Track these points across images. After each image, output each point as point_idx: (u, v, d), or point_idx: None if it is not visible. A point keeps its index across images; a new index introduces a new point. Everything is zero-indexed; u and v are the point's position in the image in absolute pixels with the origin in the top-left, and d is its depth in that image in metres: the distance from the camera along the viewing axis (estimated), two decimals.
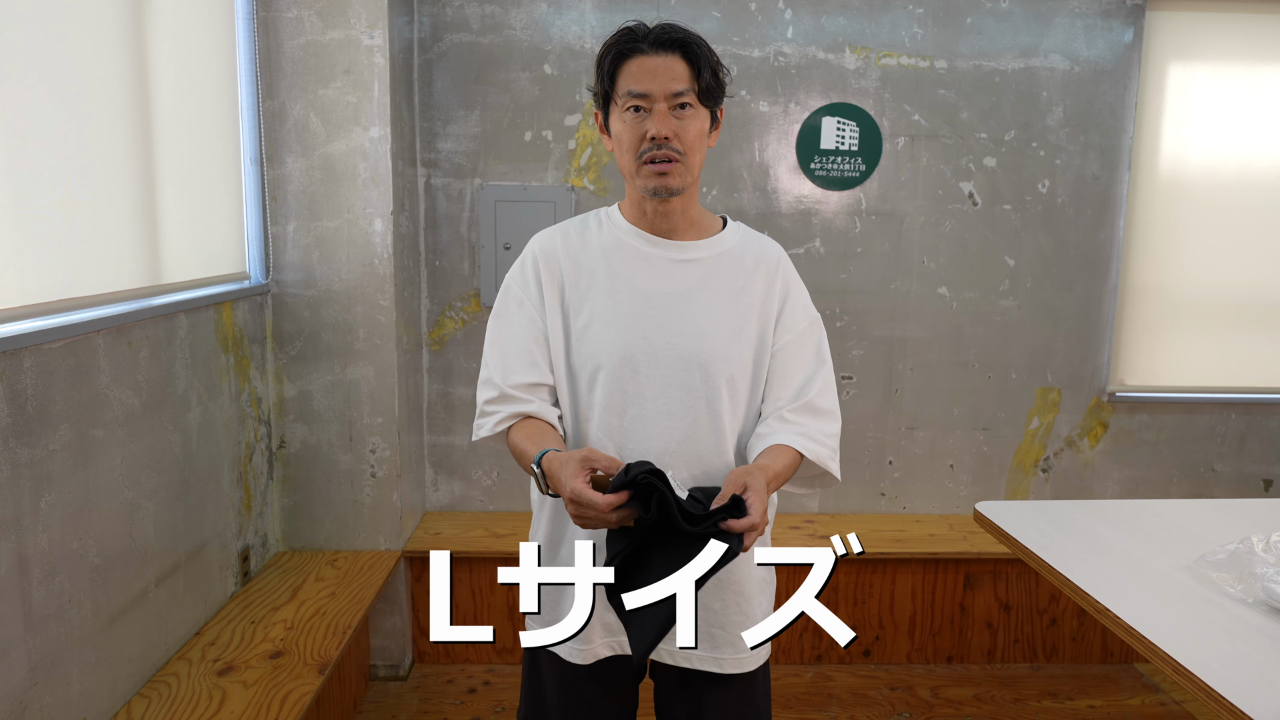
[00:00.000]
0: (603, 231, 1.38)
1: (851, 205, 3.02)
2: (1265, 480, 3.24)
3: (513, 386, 1.33)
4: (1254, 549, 1.52)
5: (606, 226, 1.38)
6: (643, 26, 1.28)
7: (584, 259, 1.35)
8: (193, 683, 1.99)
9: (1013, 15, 2.95)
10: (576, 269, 1.35)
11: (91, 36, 1.80)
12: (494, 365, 1.35)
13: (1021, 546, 1.72)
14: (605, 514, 1.13)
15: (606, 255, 1.35)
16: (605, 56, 1.28)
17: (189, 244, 2.23)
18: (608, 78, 1.28)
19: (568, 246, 1.37)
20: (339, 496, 2.72)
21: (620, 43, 1.27)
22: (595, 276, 1.34)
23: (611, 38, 1.28)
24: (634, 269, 1.34)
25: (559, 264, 1.36)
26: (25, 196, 1.60)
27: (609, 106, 1.30)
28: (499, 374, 1.34)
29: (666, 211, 1.33)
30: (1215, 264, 3.11)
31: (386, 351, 2.65)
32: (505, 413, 1.33)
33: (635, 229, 1.36)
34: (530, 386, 1.34)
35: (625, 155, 1.29)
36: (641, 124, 1.26)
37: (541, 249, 1.38)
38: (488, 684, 2.80)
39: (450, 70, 2.89)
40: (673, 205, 1.33)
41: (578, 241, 1.37)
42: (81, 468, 1.72)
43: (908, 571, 2.93)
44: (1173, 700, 2.79)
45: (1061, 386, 3.14)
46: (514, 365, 1.34)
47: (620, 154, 1.31)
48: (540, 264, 1.36)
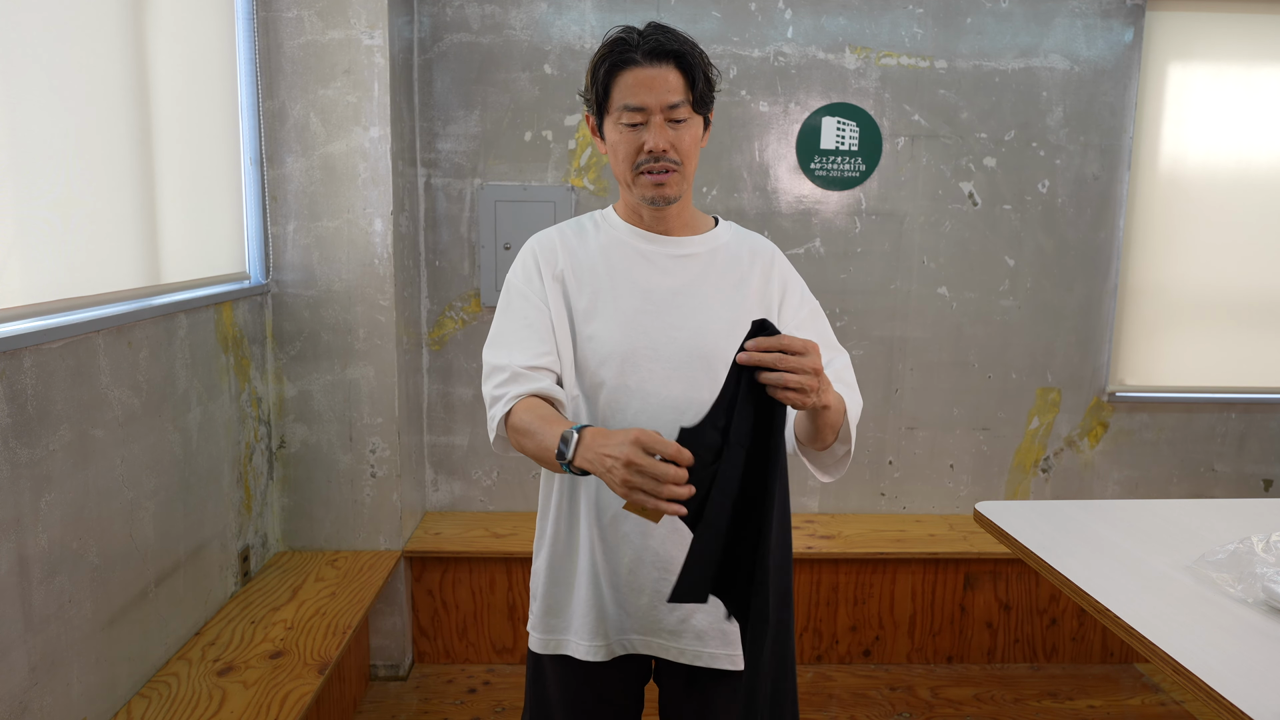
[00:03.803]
0: (600, 232, 1.38)
1: (851, 205, 3.02)
2: (1265, 480, 3.24)
3: (524, 366, 1.28)
4: (1254, 549, 1.52)
5: (603, 227, 1.39)
6: (634, 34, 1.26)
7: (582, 257, 1.36)
8: (193, 683, 1.99)
9: (1013, 15, 2.95)
10: (576, 266, 1.35)
11: (91, 36, 1.80)
12: (502, 352, 1.31)
13: (1021, 546, 1.72)
14: (675, 471, 1.01)
15: (605, 254, 1.36)
16: (599, 67, 1.28)
17: (189, 244, 2.23)
18: (601, 88, 1.28)
19: (566, 245, 1.37)
20: (339, 496, 2.72)
21: (614, 53, 1.26)
22: (595, 274, 1.34)
23: (603, 47, 1.27)
24: (633, 266, 1.35)
25: (558, 261, 1.36)
26: (25, 196, 1.60)
27: (603, 113, 1.31)
28: (507, 357, 1.30)
29: (662, 215, 1.35)
30: (1215, 264, 3.11)
31: (386, 351, 2.65)
32: (516, 391, 1.27)
33: (632, 228, 1.37)
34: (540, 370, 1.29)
35: (621, 164, 1.30)
36: (638, 136, 1.26)
37: (540, 246, 1.38)
38: (488, 684, 2.80)
39: (450, 70, 2.89)
40: (668, 209, 1.34)
41: (575, 241, 1.38)
42: (81, 468, 1.72)
43: (908, 571, 2.93)
44: (1173, 700, 2.79)
45: (1061, 386, 3.14)
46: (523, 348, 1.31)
47: (616, 162, 1.31)
48: (540, 260, 1.36)
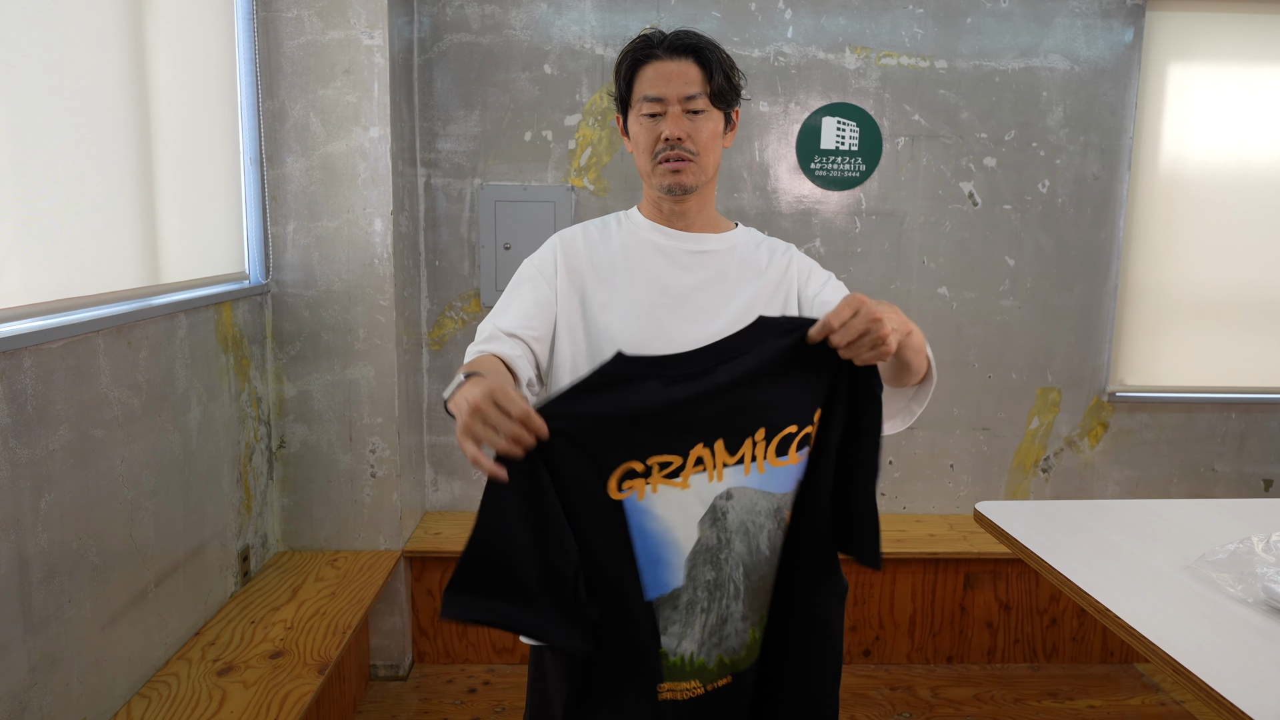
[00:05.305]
0: (622, 230, 1.42)
1: (851, 205, 3.02)
2: (1265, 480, 3.24)
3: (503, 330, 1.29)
4: (1254, 549, 1.52)
5: (626, 225, 1.42)
6: (659, 34, 1.34)
7: (603, 253, 1.39)
8: (192, 683, 1.99)
9: (1013, 15, 2.95)
10: (595, 262, 1.38)
11: (91, 36, 1.80)
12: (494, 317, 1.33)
13: (1021, 546, 1.72)
14: (512, 430, 0.95)
15: (625, 251, 1.39)
16: (622, 63, 1.35)
17: (189, 244, 2.23)
18: (625, 83, 1.35)
19: (589, 240, 1.41)
20: (339, 496, 2.72)
21: (637, 49, 1.33)
22: (614, 269, 1.37)
23: (629, 45, 1.35)
24: (650, 260, 1.38)
25: (579, 256, 1.39)
26: (25, 196, 1.60)
27: (628, 111, 1.37)
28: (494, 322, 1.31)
29: (683, 211, 1.38)
30: (1215, 264, 3.11)
31: (386, 351, 2.65)
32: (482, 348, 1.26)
33: (653, 224, 1.40)
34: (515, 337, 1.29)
35: (642, 156, 1.35)
36: (656, 126, 1.32)
37: (563, 241, 1.41)
38: (488, 684, 2.80)
39: (450, 70, 2.89)
40: (689, 204, 1.37)
41: (598, 237, 1.42)
42: (81, 468, 1.72)
43: (908, 571, 2.93)
44: (1173, 700, 2.79)
45: (1061, 386, 3.14)
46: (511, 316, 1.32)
47: (638, 155, 1.36)
48: (560, 254, 1.39)
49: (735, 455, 1.09)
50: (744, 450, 1.09)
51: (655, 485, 1.06)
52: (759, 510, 1.12)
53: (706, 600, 1.12)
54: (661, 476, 1.06)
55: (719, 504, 1.10)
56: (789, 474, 1.13)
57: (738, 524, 1.11)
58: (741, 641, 1.16)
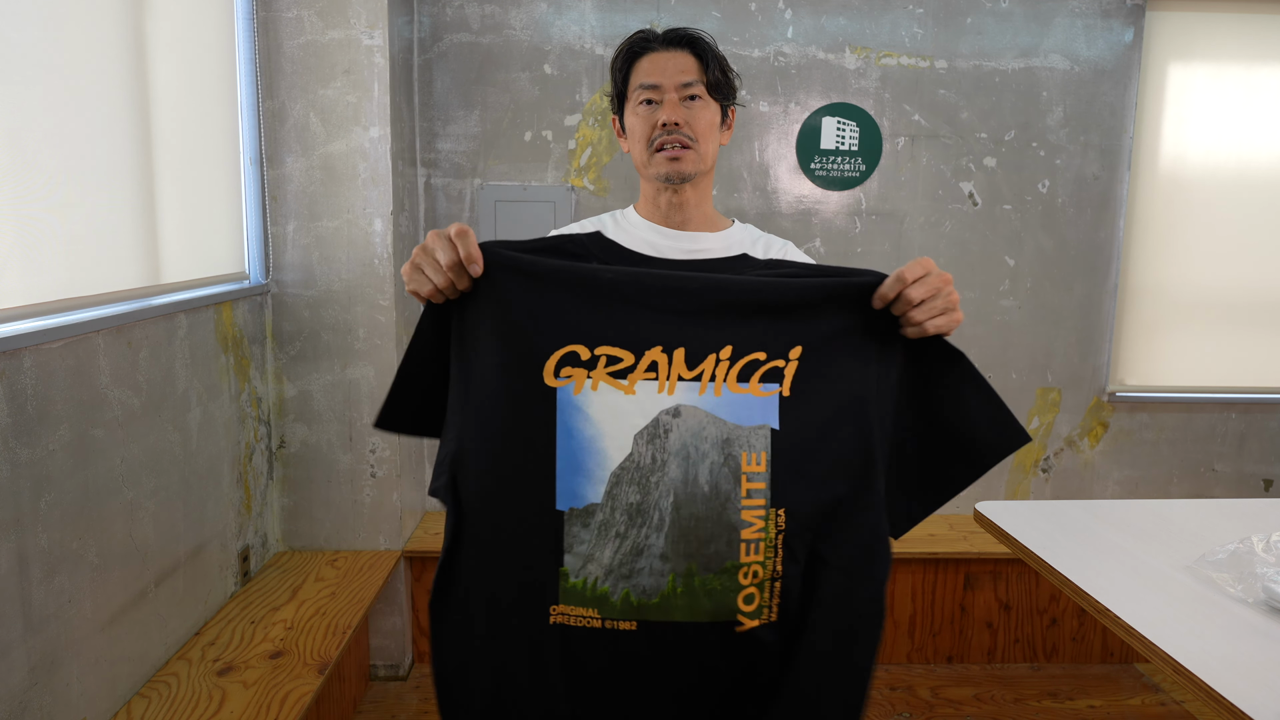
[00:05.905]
0: (618, 228, 1.41)
1: (851, 205, 3.02)
2: (1265, 480, 3.24)
3: None
4: (1254, 549, 1.52)
5: (622, 224, 1.42)
6: (653, 30, 1.35)
7: None
8: (192, 683, 1.98)
9: (1013, 15, 2.95)
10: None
11: (91, 36, 1.80)
12: None
13: (1021, 546, 1.72)
14: (447, 256, 0.96)
15: None
16: (618, 57, 1.35)
17: (189, 244, 2.23)
18: (621, 76, 1.34)
19: None
20: (339, 496, 2.72)
21: (633, 43, 1.33)
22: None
23: (624, 41, 1.35)
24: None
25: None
26: (25, 196, 1.60)
27: (624, 106, 1.36)
28: None
29: (680, 203, 1.35)
30: (1215, 264, 3.11)
31: (386, 351, 2.65)
32: None
33: (649, 223, 1.39)
34: None
35: (638, 145, 1.33)
36: (653, 114, 1.31)
37: None
38: None
39: (450, 70, 2.89)
40: (686, 197, 1.35)
41: None
42: (81, 468, 1.72)
43: (908, 571, 2.93)
44: (1173, 700, 2.79)
45: (1061, 386, 3.14)
46: None
47: (634, 146, 1.34)
48: None
49: (694, 370, 0.99)
50: (705, 366, 0.99)
51: (597, 381, 0.97)
52: (706, 437, 1.01)
53: (624, 525, 1.00)
54: (606, 373, 0.97)
55: (663, 419, 1.00)
56: (746, 404, 1.01)
57: (679, 446, 1.00)
58: (656, 585, 1.01)
